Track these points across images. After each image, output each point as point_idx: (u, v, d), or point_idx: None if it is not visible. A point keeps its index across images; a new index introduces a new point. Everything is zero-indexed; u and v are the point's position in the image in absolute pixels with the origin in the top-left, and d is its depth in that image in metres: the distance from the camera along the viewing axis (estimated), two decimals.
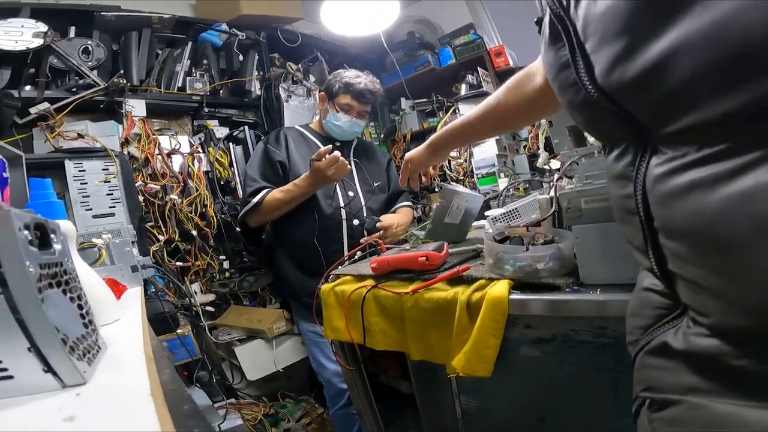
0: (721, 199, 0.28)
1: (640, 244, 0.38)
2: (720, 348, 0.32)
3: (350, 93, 1.55)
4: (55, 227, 0.40)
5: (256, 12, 1.99)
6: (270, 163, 1.53)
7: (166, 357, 0.60)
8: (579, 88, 0.37)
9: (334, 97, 1.57)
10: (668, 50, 0.28)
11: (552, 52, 0.41)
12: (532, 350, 0.72)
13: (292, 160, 1.54)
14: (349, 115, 1.56)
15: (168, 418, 0.31)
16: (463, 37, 2.44)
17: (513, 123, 0.95)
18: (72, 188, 1.35)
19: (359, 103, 1.56)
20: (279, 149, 1.55)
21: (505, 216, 1.05)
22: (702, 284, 0.32)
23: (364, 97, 1.55)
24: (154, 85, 1.73)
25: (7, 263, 0.32)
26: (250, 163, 1.61)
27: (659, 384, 0.38)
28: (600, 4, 0.33)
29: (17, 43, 1.39)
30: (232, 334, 1.68)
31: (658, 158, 0.33)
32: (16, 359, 0.34)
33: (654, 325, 0.40)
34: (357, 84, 1.54)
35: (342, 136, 1.63)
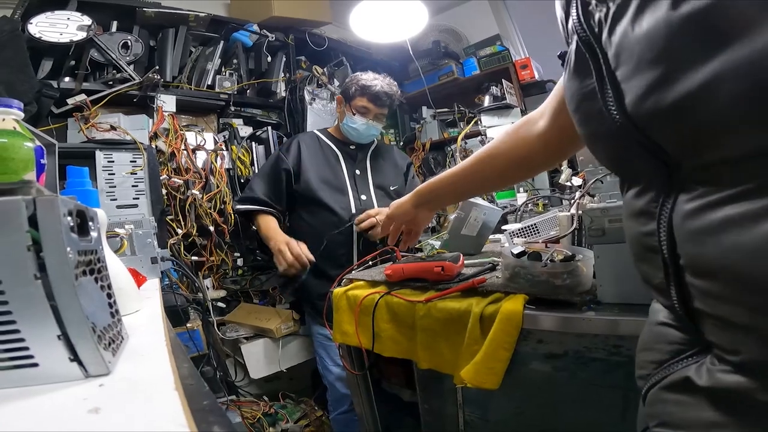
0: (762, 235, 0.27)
1: (660, 282, 0.37)
2: (747, 384, 0.31)
3: (366, 95, 1.55)
4: (94, 215, 0.41)
5: (287, 14, 2.04)
6: (275, 173, 1.57)
7: (183, 350, 0.61)
8: (604, 118, 0.36)
9: (351, 99, 1.58)
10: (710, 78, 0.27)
11: (576, 82, 0.41)
12: (542, 365, 0.71)
13: (303, 167, 1.56)
14: (365, 118, 1.57)
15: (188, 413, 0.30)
16: (489, 48, 2.44)
17: (510, 175, 0.83)
18: (100, 178, 1.40)
19: (376, 106, 1.56)
20: (288, 157, 1.57)
21: (523, 231, 1.05)
22: (734, 321, 0.31)
23: (380, 100, 1.55)
24: (185, 82, 1.78)
25: (49, 248, 0.32)
26: (261, 169, 1.66)
27: (677, 419, 0.37)
28: (639, 29, 0.32)
29: (62, 35, 1.44)
30: (239, 331, 1.70)
31: (687, 194, 0.32)
32: (44, 347, 0.34)
33: (670, 360, 0.39)
34: (374, 87, 1.55)
35: (359, 139, 1.63)
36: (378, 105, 1.56)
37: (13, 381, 0.34)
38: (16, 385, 0.34)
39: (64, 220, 0.34)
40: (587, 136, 0.42)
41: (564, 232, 0.80)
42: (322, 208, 1.52)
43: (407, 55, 2.39)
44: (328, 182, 1.56)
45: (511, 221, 1.37)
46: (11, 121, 0.55)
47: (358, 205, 1.56)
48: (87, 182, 0.71)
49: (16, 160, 0.52)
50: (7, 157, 0.51)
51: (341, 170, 1.59)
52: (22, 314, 0.33)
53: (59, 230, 0.33)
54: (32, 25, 1.40)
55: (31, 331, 0.33)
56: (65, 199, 0.35)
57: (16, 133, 0.54)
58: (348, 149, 1.65)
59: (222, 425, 0.32)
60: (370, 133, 1.61)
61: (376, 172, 1.66)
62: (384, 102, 1.56)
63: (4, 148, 0.51)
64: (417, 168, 2.52)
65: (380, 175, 1.66)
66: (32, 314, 0.33)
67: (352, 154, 1.65)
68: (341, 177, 1.58)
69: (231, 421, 1.44)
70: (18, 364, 0.34)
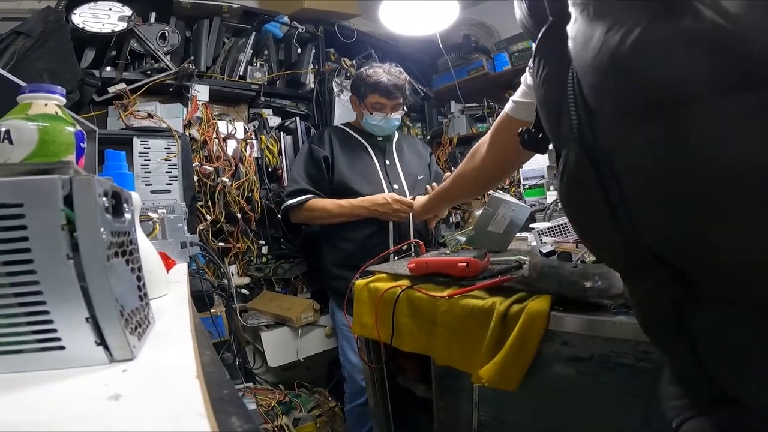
0: None
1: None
2: None
3: (378, 92, 1.56)
4: (128, 197, 0.42)
5: (317, 7, 2.04)
6: (314, 161, 1.57)
7: (206, 337, 0.62)
8: (615, 246, 0.40)
9: (364, 98, 1.59)
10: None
11: (579, 197, 0.43)
12: (565, 368, 0.69)
13: (336, 157, 1.57)
14: (382, 113, 1.58)
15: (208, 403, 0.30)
16: (522, 43, 2.37)
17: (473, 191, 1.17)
18: (136, 164, 1.45)
19: (389, 100, 1.56)
20: (323, 147, 1.59)
21: (552, 230, 1.02)
22: None
23: (392, 93, 1.56)
24: (218, 73, 1.82)
25: (83, 228, 0.32)
26: (296, 161, 1.66)
27: None
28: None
29: (104, 26, 1.50)
30: (260, 318, 1.73)
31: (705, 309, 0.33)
32: (71, 329, 0.33)
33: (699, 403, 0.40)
34: (382, 81, 1.55)
35: (382, 133, 1.65)
36: (391, 98, 1.56)
37: (38, 363, 0.34)
38: (40, 368, 0.34)
39: (99, 200, 0.34)
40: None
41: None
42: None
43: (436, 49, 2.35)
44: (361, 173, 1.57)
45: (540, 220, 1.33)
46: (53, 106, 0.57)
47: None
48: (124, 165, 0.74)
49: (57, 143, 0.55)
50: (48, 140, 0.53)
51: (372, 161, 1.61)
52: (53, 295, 0.32)
53: (94, 210, 0.33)
54: (76, 15, 1.46)
55: (60, 313, 0.33)
56: (101, 180, 0.35)
57: (58, 117, 0.56)
58: (375, 141, 1.67)
59: (240, 416, 0.31)
60: (391, 125, 1.62)
61: (403, 162, 1.68)
62: (396, 94, 1.57)
63: (46, 132, 0.53)
64: (443, 163, 2.49)
65: (408, 165, 1.68)
66: (62, 295, 0.32)
67: (380, 146, 1.67)
68: (373, 168, 1.60)
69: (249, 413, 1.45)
70: (45, 347, 0.33)
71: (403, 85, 1.59)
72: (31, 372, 0.34)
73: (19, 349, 0.33)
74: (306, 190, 1.53)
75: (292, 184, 1.58)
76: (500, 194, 1.05)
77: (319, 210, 1.52)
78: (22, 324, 0.33)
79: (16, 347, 0.33)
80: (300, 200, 1.53)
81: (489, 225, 1.04)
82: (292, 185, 1.58)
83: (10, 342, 0.33)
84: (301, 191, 1.53)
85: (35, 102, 0.56)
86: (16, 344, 0.33)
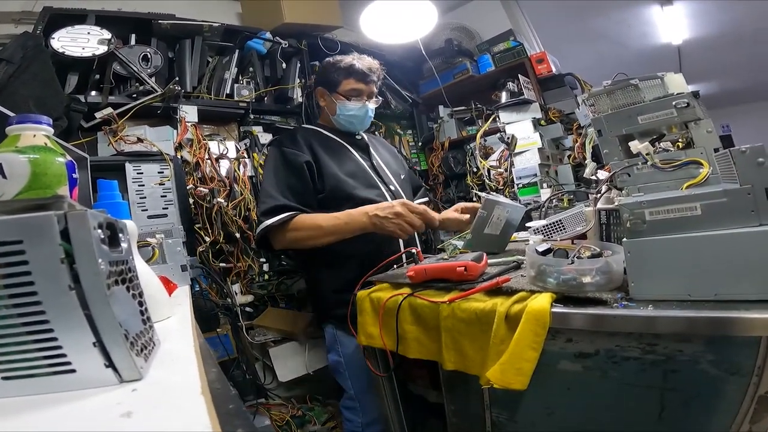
0: None
1: None
2: None
3: (353, 76, 1.38)
4: (123, 227, 0.43)
5: (298, 20, 2.06)
6: (294, 169, 1.28)
7: (211, 355, 0.63)
8: None
9: (337, 86, 1.39)
10: None
11: None
12: (572, 364, 0.70)
13: (321, 161, 1.32)
14: (360, 101, 1.40)
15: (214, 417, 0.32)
16: (503, 44, 2.41)
17: None
18: (131, 189, 1.45)
19: (366, 84, 1.40)
20: (300, 151, 1.31)
21: (548, 228, 1.02)
22: None
23: (368, 76, 1.40)
24: (205, 92, 1.83)
25: (81, 260, 0.34)
26: (267, 172, 1.33)
27: None
28: None
29: (84, 50, 1.49)
30: (267, 335, 1.72)
31: None
32: (80, 353, 0.35)
33: None
34: (356, 65, 1.39)
35: (360, 126, 1.46)
36: (368, 82, 1.41)
37: (52, 386, 0.36)
38: (55, 390, 0.36)
39: (94, 232, 0.35)
40: None
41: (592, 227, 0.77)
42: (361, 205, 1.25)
43: (420, 55, 2.38)
44: (355, 176, 1.35)
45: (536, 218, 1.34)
46: (42, 137, 0.57)
47: (391, 196, 1.38)
48: (117, 195, 0.74)
49: (49, 175, 0.55)
50: (40, 172, 0.54)
51: (361, 162, 1.42)
52: (59, 323, 0.34)
53: (90, 242, 0.34)
54: (54, 40, 1.45)
55: (68, 339, 0.35)
56: (95, 213, 0.37)
57: (48, 148, 0.56)
58: (355, 140, 1.48)
59: (246, 428, 0.34)
60: (368, 115, 1.44)
61: (384, 161, 1.51)
62: (372, 78, 1.42)
63: (37, 164, 0.54)
64: (437, 168, 2.51)
65: (389, 165, 1.51)
66: (68, 323, 0.35)
67: (361, 145, 1.48)
68: (363, 168, 1.40)
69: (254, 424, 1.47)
70: (57, 371, 0.36)
71: (378, 70, 1.44)
72: (47, 394, 0.36)
73: (33, 373, 0.36)
74: (287, 206, 1.22)
75: (267, 201, 1.24)
76: (494, 196, 1.06)
77: (307, 228, 1.22)
78: (32, 350, 0.35)
79: (29, 371, 0.36)
80: (281, 218, 1.20)
81: (485, 227, 1.04)
82: (267, 201, 1.24)
83: (24, 367, 0.35)
84: (280, 208, 1.22)
85: (23, 133, 0.56)
86: (29, 369, 0.35)
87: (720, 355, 0.57)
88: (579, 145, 1.89)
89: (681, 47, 4.14)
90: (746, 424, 0.56)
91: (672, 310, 0.58)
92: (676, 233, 0.60)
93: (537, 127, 2.01)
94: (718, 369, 0.57)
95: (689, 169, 0.69)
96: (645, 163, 0.72)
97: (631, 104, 0.77)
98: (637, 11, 3.44)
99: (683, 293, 0.60)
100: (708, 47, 4.10)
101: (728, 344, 0.57)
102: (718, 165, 0.66)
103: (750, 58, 4.49)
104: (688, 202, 0.60)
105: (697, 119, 0.72)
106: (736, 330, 0.55)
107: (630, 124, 0.77)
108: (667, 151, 0.78)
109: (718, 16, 3.53)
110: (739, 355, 0.56)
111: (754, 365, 0.55)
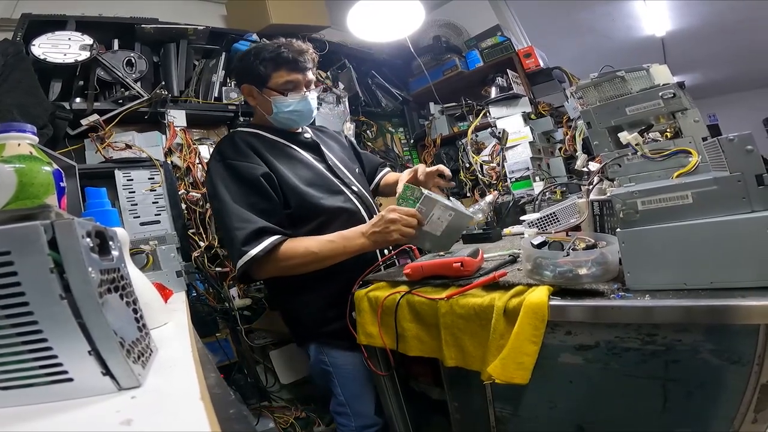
0: None
1: None
2: None
3: (285, 66, 1.15)
4: (113, 234, 0.42)
5: (285, 21, 2.05)
6: (251, 184, 1.07)
7: (210, 360, 0.62)
8: None
9: (267, 81, 1.16)
10: None
11: None
12: (572, 357, 0.70)
13: (277, 171, 1.12)
14: (298, 93, 1.18)
15: (215, 422, 0.32)
16: (491, 39, 2.42)
17: None
18: (121, 197, 1.43)
19: (302, 73, 1.17)
20: (250, 159, 1.11)
21: (542, 220, 1.03)
22: None
23: (302, 63, 1.17)
24: (193, 96, 1.81)
25: (71, 269, 0.34)
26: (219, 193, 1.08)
27: None
28: None
29: (66, 56, 1.46)
30: (267, 338, 1.72)
31: None
32: (76, 362, 0.35)
33: None
34: (284, 52, 1.15)
35: (305, 121, 1.26)
36: (303, 69, 1.18)
37: (50, 396, 0.36)
38: (53, 400, 0.36)
39: (83, 241, 0.35)
40: None
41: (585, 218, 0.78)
42: (333, 218, 1.14)
43: (409, 53, 2.38)
44: (314, 184, 1.16)
45: (530, 211, 1.35)
46: (27, 146, 0.56)
47: (359, 200, 1.23)
48: (106, 202, 0.73)
49: (36, 185, 0.54)
50: (26, 182, 0.52)
51: (313, 164, 1.22)
52: (53, 332, 0.34)
53: (79, 251, 0.34)
54: (35, 46, 1.42)
55: (63, 348, 0.35)
56: (83, 221, 0.36)
57: (33, 157, 0.55)
58: (302, 138, 1.27)
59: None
60: (310, 107, 1.22)
61: (338, 158, 1.30)
62: (305, 63, 1.18)
63: (23, 174, 0.52)
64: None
65: (343, 160, 1.31)
66: (62, 332, 0.34)
67: (311, 144, 1.27)
68: (320, 172, 1.21)
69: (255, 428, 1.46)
70: (54, 380, 0.36)
71: (308, 51, 1.20)
72: (46, 404, 0.36)
73: (30, 383, 0.35)
74: (268, 229, 1.03)
75: (241, 226, 1.02)
76: (434, 195, 0.99)
77: (300, 256, 1.04)
78: (28, 360, 0.35)
79: (26, 381, 0.35)
80: (267, 247, 1.01)
81: (424, 224, 0.99)
82: (242, 227, 1.02)
83: (21, 377, 0.35)
84: (260, 231, 1.02)
85: (8, 142, 0.55)
86: (26, 378, 0.35)
87: (720, 344, 0.57)
88: (569, 137, 1.90)
89: (665, 39, 4.19)
90: (750, 413, 0.56)
91: (669, 300, 0.58)
92: (669, 222, 0.60)
93: (527, 121, 2.02)
94: (719, 358, 0.57)
95: (679, 158, 0.70)
96: (635, 153, 0.72)
97: (619, 96, 0.78)
98: (621, 4, 3.48)
99: (679, 282, 0.60)
100: (691, 38, 4.16)
101: (727, 333, 0.57)
102: (707, 154, 0.67)
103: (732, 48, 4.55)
104: (680, 190, 0.60)
105: (684, 109, 0.72)
106: (734, 318, 0.55)
107: (618, 115, 0.77)
108: (657, 141, 0.79)
109: (699, 7, 3.57)
110: (739, 343, 0.56)
111: (754, 354, 0.54)
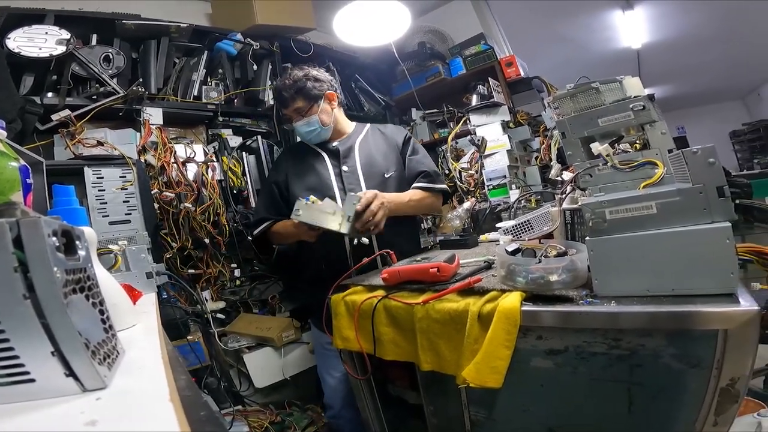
0: None
1: None
2: None
3: (277, 102, 1.60)
4: (80, 234, 0.41)
5: (270, 22, 2.03)
6: (269, 189, 1.54)
7: (181, 363, 0.61)
8: None
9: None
10: None
11: None
12: (543, 361, 0.71)
13: (290, 178, 1.49)
14: (294, 122, 1.48)
15: (186, 424, 0.31)
16: (474, 47, 2.46)
17: None
18: (90, 195, 1.38)
19: (285, 107, 1.47)
20: (278, 170, 1.55)
21: (517, 228, 1.05)
22: None
23: (283, 98, 1.45)
24: (171, 94, 1.77)
25: (35, 269, 0.33)
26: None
27: None
28: None
29: (41, 50, 1.42)
30: (241, 341, 1.69)
31: None
32: (39, 363, 0.35)
33: None
34: (275, 93, 1.57)
35: (313, 139, 1.51)
36: (285, 105, 1.46)
37: (12, 396, 0.35)
38: (15, 401, 0.35)
39: (48, 240, 0.34)
40: None
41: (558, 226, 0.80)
42: None
43: (393, 58, 2.40)
44: (313, 189, 1.40)
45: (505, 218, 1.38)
46: None
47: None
48: (74, 200, 0.70)
49: (2, 181, 0.52)
50: None
51: (326, 171, 1.45)
52: (15, 333, 0.34)
53: (44, 250, 0.33)
54: (10, 40, 1.37)
55: (25, 349, 0.34)
56: (49, 220, 0.35)
57: (0, 152, 0.53)
58: (329, 147, 1.50)
59: None
60: (307, 130, 1.46)
61: (367, 163, 1.48)
62: (285, 98, 1.44)
63: None
64: None
65: (372, 165, 1.49)
66: (24, 332, 0.34)
67: (334, 152, 1.49)
68: (326, 179, 1.44)
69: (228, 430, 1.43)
70: (15, 380, 0.35)
71: (293, 84, 1.43)
72: (6, 405, 0.35)
73: None
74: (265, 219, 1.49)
75: (255, 214, 1.58)
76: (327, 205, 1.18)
77: (276, 236, 1.50)
78: None
79: None
80: (261, 230, 1.49)
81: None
82: (256, 214, 1.57)
83: None
84: (259, 221, 1.50)
85: None
86: None
87: (681, 349, 0.59)
88: (545, 147, 1.95)
89: (640, 51, 4.37)
90: (711, 416, 0.58)
91: (633, 306, 0.61)
92: (635, 231, 0.63)
93: (506, 129, 2.06)
94: (680, 362, 0.60)
95: (646, 169, 0.73)
96: (605, 164, 0.75)
97: (593, 107, 0.81)
98: (600, 16, 3.60)
99: (642, 289, 0.62)
100: (667, 50, 4.34)
101: (688, 338, 0.59)
102: (672, 165, 0.70)
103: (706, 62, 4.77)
104: (645, 201, 0.63)
105: (653, 121, 0.76)
106: (695, 324, 0.57)
107: (591, 126, 0.80)
108: (626, 153, 0.82)
109: (677, 19, 3.71)
110: (699, 348, 0.58)
111: (713, 358, 0.57)
